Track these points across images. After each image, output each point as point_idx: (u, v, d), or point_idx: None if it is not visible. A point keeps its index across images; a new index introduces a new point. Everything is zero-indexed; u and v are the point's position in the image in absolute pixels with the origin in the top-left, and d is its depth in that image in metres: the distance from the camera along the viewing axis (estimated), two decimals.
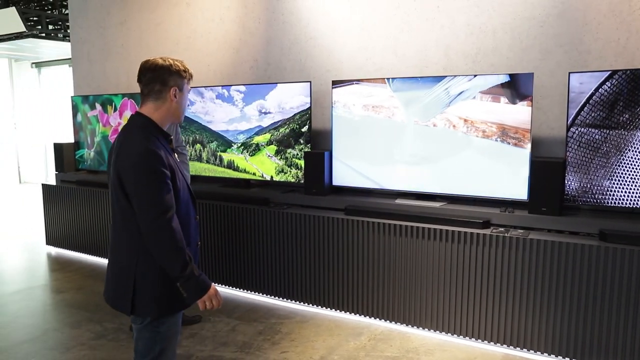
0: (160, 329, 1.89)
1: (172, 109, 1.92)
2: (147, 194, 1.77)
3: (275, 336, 3.37)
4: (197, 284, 1.82)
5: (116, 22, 5.48)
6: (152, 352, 1.91)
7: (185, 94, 1.96)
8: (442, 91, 3.38)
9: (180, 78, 1.91)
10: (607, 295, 2.78)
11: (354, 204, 3.67)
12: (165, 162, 1.80)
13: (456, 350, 3.13)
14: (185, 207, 1.93)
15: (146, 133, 1.84)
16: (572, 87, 2.99)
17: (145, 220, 1.77)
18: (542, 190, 3.10)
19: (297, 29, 4.29)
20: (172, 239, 1.77)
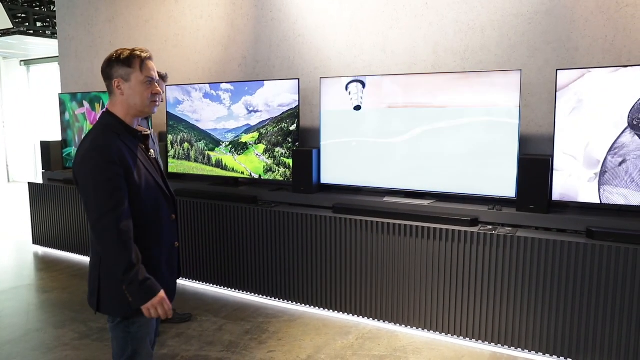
0: (130, 329, 1.85)
1: (124, 101, 1.81)
2: (91, 193, 1.71)
3: (262, 335, 3.34)
4: (140, 288, 1.71)
5: (104, 19, 5.42)
6: (125, 353, 1.87)
7: (134, 83, 1.79)
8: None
9: (122, 67, 1.78)
10: (594, 292, 2.77)
11: (342, 201, 3.65)
12: (116, 158, 1.72)
13: (444, 349, 3.12)
14: (152, 206, 1.85)
15: (105, 129, 1.78)
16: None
17: (90, 220, 1.72)
18: (529, 188, 3.09)
19: (285, 26, 4.25)
20: (115, 239, 1.68)
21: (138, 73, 1.80)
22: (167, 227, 1.92)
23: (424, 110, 3.40)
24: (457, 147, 3.33)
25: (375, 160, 3.62)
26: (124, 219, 1.70)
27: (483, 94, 3.22)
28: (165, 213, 1.91)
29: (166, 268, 1.92)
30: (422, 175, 3.47)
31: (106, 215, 1.68)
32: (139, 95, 1.81)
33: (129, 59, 1.78)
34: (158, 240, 1.87)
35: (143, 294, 1.72)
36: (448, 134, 3.35)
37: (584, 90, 2.91)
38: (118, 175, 1.71)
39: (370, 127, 3.62)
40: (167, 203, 1.93)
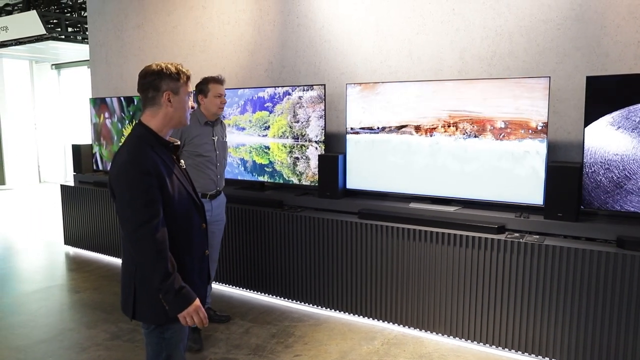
0: (165, 335, 1.91)
1: (169, 113, 1.88)
2: (127, 204, 1.76)
3: (288, 339, 3.38)
4: (176, 297, 1.77)
5: (133, 25, 5.55)
6: (159, 358, 1.93)
7: (182, 96, 1.90)
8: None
9: (173, 81, 1.87)
10: (625, 303, 2.73)
11: (368, 207, 3.67)
12: (151, 169, 1.77)
13: (470, 356, 3.11)
14: (185, 216, 1.90)
15: (139, 142, 1.84)
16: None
17: (126, 230, 1.78)
18: (558, 196, 3.06)
19: (312, 31, 4.29)
20: (151, 249, 1.74)
21: (185, 87, 1.90)
22: (198, 236, 1.97)
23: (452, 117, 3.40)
24: (485, 153, 3.32)
25: (401, 166, 3.63)
26: (159, 229, 1.76)
27: (511, 101, 3.20)
28: (196, 222, 1.96)
29: (197, 276, 1.97)
30: (448, 182, 3.47)
31: (143, 226, 1.74)
32: (183, 108, 1.92)
33: (179, 74, 1.88)
34: (190, 249, 1.92)
35: (179, 303, 1.78)
36: (475, 140, 3.34)
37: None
38: (153, 187, 1.77)
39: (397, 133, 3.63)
40: (197, 212, 1.98)
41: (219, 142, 3.42)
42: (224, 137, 3.52)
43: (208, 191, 3.34)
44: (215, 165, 3.37)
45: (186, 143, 3.25)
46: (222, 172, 3.48)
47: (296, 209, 3.93)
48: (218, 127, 3.44)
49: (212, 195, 3.38)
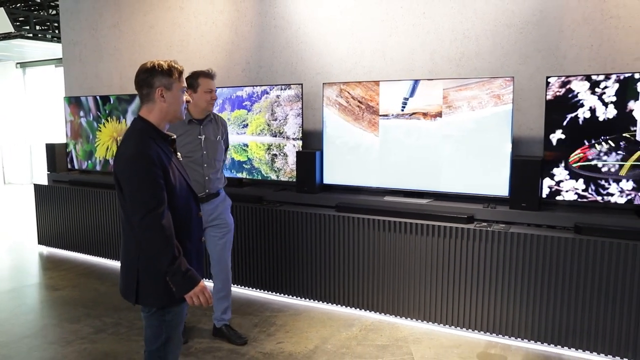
0: (166, 317, 2.02)
1: (163, 108, 1.98)
2: (136, 193, 1.87)
3: (270, 328, 3.51)
4: (183, 278, 1.90)
5: (109, 25, 5.56)
6: (159, 340, 2.04)
7: (175, 91, 1.99)
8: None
9: (165, 77, 1.96)
10: (582, 284, 2.99)
11: (345, 201, 3.84)
12: (157, 161, 1.89)
13: (443, 339, 3.32)
14: (184, 204, 2.02)
15: (141, 135, 1.94)
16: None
17: (135, 218, 1.88)
18: (522, 187, 3.30)
19: (288, 33, 4.44)
20: (159, 235, 1.86)
21: (178, 83, 2.00)
22: (195, 223, 2.10)
23: (423, 114, 3.61)
24: (454, 149, 3.54)
25: (376, 162, 3.82)
26: (165, 216, 1.88)
27: (478, 99, 3.42)
28: (194, 210, 2.09)
29: (196, 261, 2.09)
30: (420, 176, 3.67)
31: (151, 213, 1.85)
32: (177, 103, 2.02)
33: (171, 69, 1.98)
34: (189, 235, 2.05)
35: (186, 284, 1.91)
36: (445, 136, 3.55)
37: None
38: (159, 177, 1.89)
39: (372, 130, 3.81)
40: (195, 201, 2.11)
41: (207, 141, 3.19)
42: (216, 135, 3.27)
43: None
44: (201, 167, 3.15)
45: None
46: (211, 174, 3.20)
47: (275, 204, 4.07)
48: (208, 125, 3.22)
49: (202, 198, 3.10)
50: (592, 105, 3.08)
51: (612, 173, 3.07)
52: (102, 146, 5.32)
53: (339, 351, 3.18)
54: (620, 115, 3.02)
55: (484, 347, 3.21)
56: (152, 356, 2.06)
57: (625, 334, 2.91)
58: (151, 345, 2.06)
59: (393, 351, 3.17)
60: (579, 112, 3.13)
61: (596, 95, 3.07)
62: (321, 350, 3.20)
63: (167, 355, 2.06)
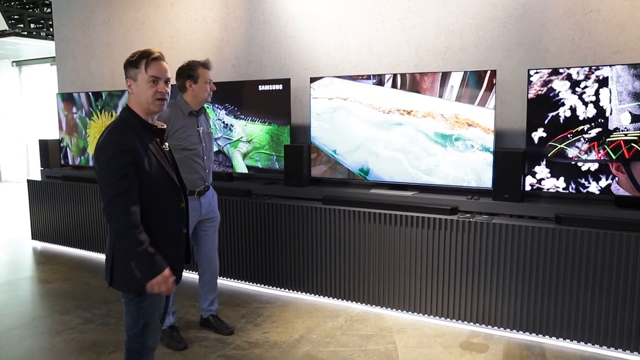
0: (143, 304, 2.04)
1: (136, 99, 2.02)
2: (104, 177, 1.91)
3: (257, 319, 3.56)
4: (146, 265, 1.91)
5: (100, 21, 5.61)
6: (137, 326, 2.06)
7: (140, 82, 2.00)
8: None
9: (132, 68, 2.00)
10: (562, 273, 3.03)
11: (331, 194, 3.88)
12: (129, 149, 1.91)
13: (426, 328, 3.36)
14: (160, 193, 2.03)
15: (121, 124, 1.99)
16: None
17: (103, 201, 1.92)
18: (504, 179, 3.35)
19: (276, 28, 4.48)
20: (123, 220, 1.88)
21: (143, 73, 2.00)
22: (174, 213, 2.10)
23: (407, 108, 3.65)
24: (439, 141, 3.58)
25: (362, 155, 3.86)
26: (132, 203, 1.90)
27: (462, 92, 3.47)
28: (174, 200, 2.10)
29: (174, 252, 2.11)
30: (405, 169, 3.72)
31: (117, 198, 1.88)
32: (143, 93, 2.01)
33: (136, 61, 2.00)
34: (166, 225, 2.07)
35: (149, 271, 1.92)
36: (430, 129, 3.60)
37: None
38: (129, 164, 1.91)
39: (357, 123, 3.85)
40: (175, 192, 2.11)
41: (205, 133, 3.18)
42: (209, 127, 3.27)
43: (196, 187, 3.10)
44: (202, 159, 3.13)
45: (169, 136, 2.97)
46: (209, 166, 3.22)
47: (263, 197, 4.11)
48: (202, 117, 3.20)
49: (201, 191, 3.13)
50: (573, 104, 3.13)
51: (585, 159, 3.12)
52: (93, 141, 5.36)
53: (324, 340, 3.23)
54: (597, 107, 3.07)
55: (467, 336, 3.25)
56: (131, 340, 2.09)
57: (604, 321, 2.96)
58: (130, 330, 2.09)
59: (377, 340, 3.22)
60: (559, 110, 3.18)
61: (576, 95, 3.11)
62: (306, 339, 3.25)
63: (146, 340, 2.09)
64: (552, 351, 3.04)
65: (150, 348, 2.13)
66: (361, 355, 3.03)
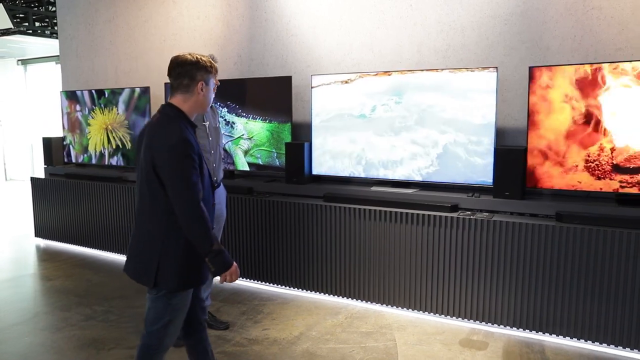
0: (172, 301, 2.06)
1: (199, 101, 2.10)
2: (182, 177, 1.95)
3: (257, 316, 3.57)
4: (222, 259, 2.03)
5: (104, 19, 5.63)
6: (160, 322, 2.08)
7: (210, 87, 2.13)
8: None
9: (206, 73, 2.09)
10: (563, 271, 3.02)
11: (333, 191, 3.88)
12: (196, 149, 2.00)
13: (426, 326, 3.36)
14: (207, 192, 2.11)
15: (178, 122, 2.03)
16: None
17: (181, 202, 1.96)
18: (505, 177, 3.34)
19: (279, 26, 4.49)
20: (203, 218, 1.97)
21: (214, 80, 2.16)
22: (212, 212, 2.17)
23: (410, 106, 3.65)
24: (440, 139, 3.58)
25: (364, 152, 3.86)
26: (201, 202, 2.00)
27: (464, 90, 3.46)
28: (211, 200, 2.19)
29: None
30: (407, 166, 3.72)
31: (195, 197, 1.96)
32: (209, 98, 2.15)
33: (211, 67, 2.12)
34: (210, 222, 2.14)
35: (224, 264, 2.04)
36: (432, 126, 3.59)
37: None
38: (197, 165, 2.00)
39: (360, 122, 3.85)
40: (213, 191, 2.20)
41: (211, 127, 3.17)
42: (216, 122, 3.27)
43: None
44: (209, 153, 3.12)
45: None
46: (218, 161, 3.21)
47: (265, 195, 4.12)
48: (209, 111, 3.19)
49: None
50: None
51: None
52: (93, 138, 5.39)
53: (323, 337, 3.23)
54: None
55: (467, 333, 3.25)
56: (150, 336, 2.10)
57: (604, 319, 2.94)
58: (152, 326, 2.09)
59: (377, 338, 3.22)
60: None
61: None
62: (305, 336, 3.25)
63: (165, 338, 2.10)
64: (551, 349, 3.03)
65: (165, 347, 2.14)
66: (360, 352, 3.03)
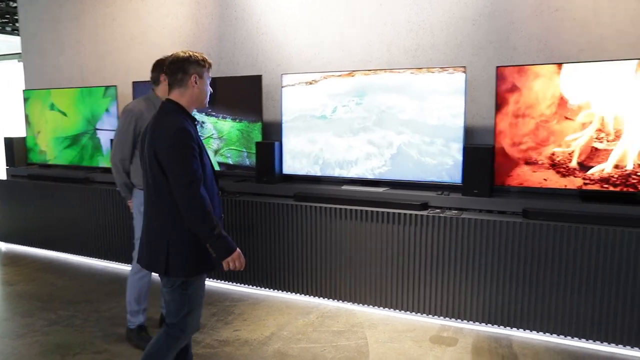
0: (187, 291, 2.17)
1: (194, 94, 2.19)
2: (180, 165, 2.03)
3: (228, 317, 3.51)
4: (224, 244, 2.09)
5: (70, 17, 5.48)
6: (181, 312, 2.19)
7: (205, 80, 2.21)
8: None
9: (199, 66, 2.18)
10: (529, 266, 3.08)
11: (303, 190, 3.86)
12: (195, 138, 2.09)
13: (397, 324, 3.37)
14: (210, 181, 2.18)
15: (178, 115, 2.14)
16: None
17: (179, 188, 2.03)
18: (474, 175, 3.38)
19: (249, 24, 4.45)
20: (202, 204, 2.03)
21: (207, 73, 2.24)
22: (217, 200, 2.24)
23: (379, 105, 3.66)
24: (410, 138, 3.60)
25: (334, 152, 3.85)
26: (203, 188, 2.07)
27: (433, 89, 3.50)
28: (216, 189, 2.26)
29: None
30: (377, 165, 3.73)
31: (194, 183, 2.03)
32: (205, 91, 2.24)
33: (204, 61, 2.20)
34: (214, 211, 2.17)
35: (226, 250, 2.11)
36: (401, 126, 3.61)
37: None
38: (197, 153, 2.08)
39: (329, 121, 3.85)
40: (216, 181, 2.29)
41: None
42: None
43: None
44: None
45: (141, 133, 2.85)
46: None
47: (235, 195, 4.07)
48: None
49: None
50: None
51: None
52: (46, 137, 5.24)
53: (295, 337, 3.21)
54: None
55: (437, 330, 3.27)
56: (173, 327, 2.20)
57: (569, 312, 3.01)
58: (173, 318, 2.19)
59: (348, 336, 3.21)
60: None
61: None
62: (277, 336, 3.22)
63: (187, 327, 2.21)
64: (519, 343, 3.08)
65: (190, 333, 2.25)
66: (332, 351, 3.02)
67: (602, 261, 2.92)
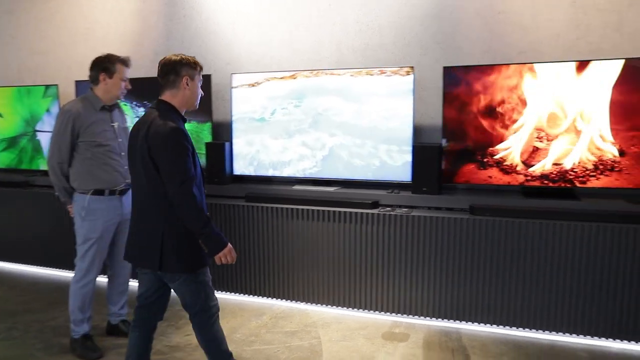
0: (199, 278, 2.28)
1: (186, 96, 2.27)
2: (174, 163, 2.12)
3: (179, 322, 3.43)
4: (216, 240, 2.20)
5: (4, 10, 5.18)
6: (199, 300, 2.30)
7: (196, 82, 2.30)
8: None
9: (191, 69, 2.26)
10: (476, 260, 3.17)
11: (254, 191, 3.82)
12: (188, 139, 2.18)
13: (350, 322, 3.39)
14: (199, 181, 2.23)
15: (171, 115, 2.21)
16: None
17: (174, 186, 2.11)
18: (423, 173, 3.45)
19: (197, 22, 4.36)
20: (194, 201, 2.12)
21: (198, 76, 2.33)
22: (204, 200, 2.28)
23: (328, 105, 3.67)
24: (359, 137, 3.63)
25: (284, 152, 3.83)
26: (195, 186, 2.14)
27: (382, 89, 3.54)
28: (203, 188, 2.29)
29: None
30: (328, 165, 3.74)
31: (186, 181, 2.11)
32: (196, 93, 2.32)
33: (195, 63, 2.29)
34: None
35: (217, 245, 2.21)
36: (350, 125, 3.64)
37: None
38: (190, 153, 2.16)
39: (278, 119, 3.83)
40: (204, 181, 2.36)
41: (120, 128, 3.05)
42: (124, 122, 3.14)
43: (116, 186, 2.97)
44: (119, 155, 2.99)
45: (81, 133, 2.89)
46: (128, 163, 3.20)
47: None
48: (116, 112, 3.08)
49: (122, 190, 2.99)
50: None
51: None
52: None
53: (248, 339, 3.17)
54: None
55: (389, 327, 3.31)
56: (198, 316, 2.31)
57: (513, 304, 3.12)
58: (193, 308, 2.31)
59: (302, 336, 3.20)
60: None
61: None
62: (229, 339, 3.12)
63: (210, 309, 2.32)
64: (467, 335, 3.16)
65: (214, 313, 2.35)
66: (285, 352, 3.00)
67: (543, 254, 3.04)
